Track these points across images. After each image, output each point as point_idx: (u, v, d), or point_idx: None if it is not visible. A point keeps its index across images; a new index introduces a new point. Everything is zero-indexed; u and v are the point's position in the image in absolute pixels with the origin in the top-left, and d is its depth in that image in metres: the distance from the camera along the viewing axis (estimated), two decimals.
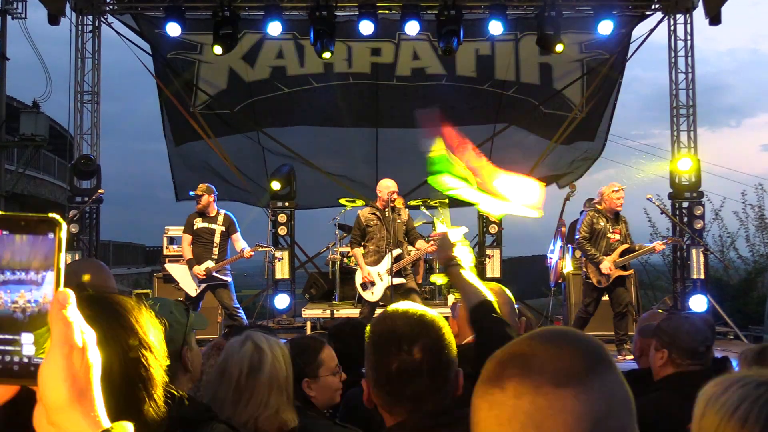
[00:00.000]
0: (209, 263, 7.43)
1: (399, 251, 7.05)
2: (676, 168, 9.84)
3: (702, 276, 9.45)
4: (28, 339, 0.74)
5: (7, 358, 0.74)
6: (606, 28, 9.88)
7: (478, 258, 10.09)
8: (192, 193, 7.72)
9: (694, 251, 9.48)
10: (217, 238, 7.49)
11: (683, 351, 2.53)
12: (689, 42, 10.33)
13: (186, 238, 7.59)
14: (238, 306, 7.59)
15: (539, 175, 11.85)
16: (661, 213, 8.61)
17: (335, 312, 9.10)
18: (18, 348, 0.74)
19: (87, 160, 9.76)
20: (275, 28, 9.79)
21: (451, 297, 8.93)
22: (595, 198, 7.71)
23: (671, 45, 10.47)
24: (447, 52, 9.82)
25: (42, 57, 15.15)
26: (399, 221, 7.12)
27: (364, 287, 7.24)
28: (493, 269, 9.59)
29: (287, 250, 9.82)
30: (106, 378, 0.77)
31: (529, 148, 11.87)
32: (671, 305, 9.46)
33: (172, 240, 9.61)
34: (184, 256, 7.64)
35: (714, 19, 9.94)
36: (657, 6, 10.55)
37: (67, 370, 0.72)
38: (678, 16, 10.44)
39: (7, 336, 0.74)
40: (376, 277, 7.11)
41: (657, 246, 7.71)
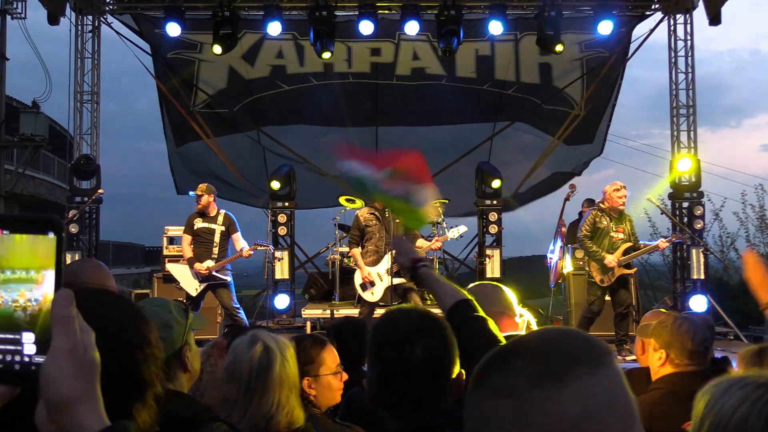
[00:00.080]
0: (209, 263, 7.43)
1: None
2: (676, 168, 9.84)
3: (702, 276, 9.46)
4: (29, 338, 0.74)
5: (8, 357, 0.74)
6: (606, 28, 9.87)
7: (478, 258, 10.09)
8: (192, 194, 7.72)
9: (694, 251, 9.48)
10: (217, 237, 7.49)
11: (681, 351, 2.52)
12: (689, 42, 10.33)
13: (186, 238, 7.60)
14: (238, 306, 7.58)
15: (543, 174, 11.84)
16: (661, 213, 8.61)
17: (335, 312, 9.09)
18: (19, 347, 0.74)
19: (87, 160, 9.75)
20: (275, 28, 9.78)
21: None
22: (593, 198, 7.72)
23: (671, 45, 10.46)
24: (447, 52, 9.81)
25: (42, 57, 15.17)
26: (398, 221, 7.11)
27: (363, 288, 7.23)
28: (493, 269, 9.58)
29: (287, 250, 9.81)
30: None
31: (529, 147, 11.86)
32: (671, 305, 9.45)
33: (171, 240, 9.61)
34: (184, 255, 7.64)
35: (714, 19, 9.93)
36: (657, 6, 10.54)
37: (69, 368, 0.72)
38: (678, 16, 10.43)
39: (8, 335, 0.74)
40: (375, 278, 7.10)
41: (661, 244, 7.70)
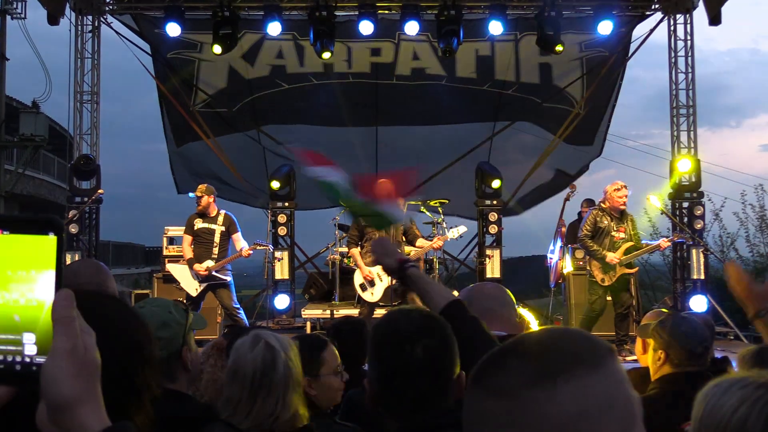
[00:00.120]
0: (209, 263, 7.43)
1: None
2: (677, 169, 9.82)
3: (702, 276, 9.45)
4: (29, 339, 0.74)
5: (9, 358, 0.74)
6: (606, 28, 9.87)
7: (478, 258, 10.09)
8: (192, 195, 7.72)
9: (694, 251, 9.48)
10: (217, 238, 7.49)
11: (680, 352, 2.52)
12: (689, 42, 10.32)
13: (186, 238, 7.60)
14: (238, 306, 7.58)
15: (545, 175, 11.82)
16: (661, 213, 8.61)
17: (335, 312, 9.09)
18: (20, 348, 0.74)
19: (86, 160, 9.75)
20: (275, 28, 9.78)
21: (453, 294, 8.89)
22: (593, 198, 7.72)
23: (671, 45, 10.46)
24: (447, 52, 9.80)
25: (42, 57, 15.16)
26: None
27: (363, 288, 7.23)
28: (493, 269, 9.58)
29: (287, 250, 9.81)
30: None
31: (530, 147, 11.85)
32: (671, 305, 9.46)
33: (171, 240, 9.62)
34: (184, 256, 7.65)
35: (714, 19, 9.92)
36: (657, 6, 10.54)
37: (70, 369, 0.72)
38: (678, 16, 10.42)
39: (9, 336, 0.74)
40: (375, 278, 7.10)
41: (662, 243, 7.70)
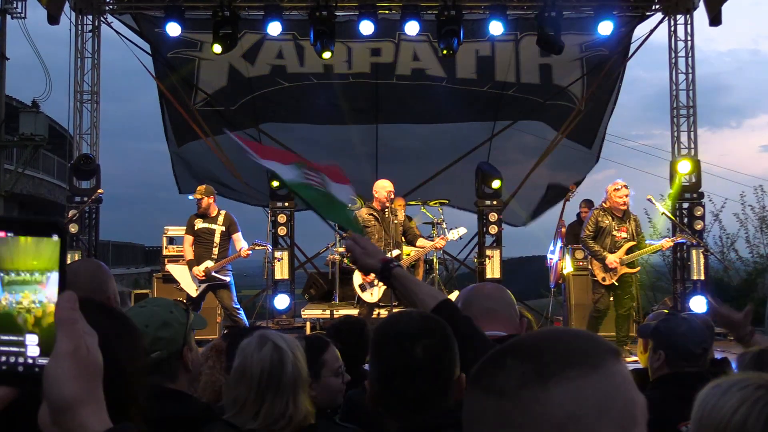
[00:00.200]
0: (208, 263, 7.43)
1: (398, 252, 7.04)
2: (678, 171, 9.80)
3: (702, 277, 9.45)
4: (32, 340, 0.74)
5: (12, 359, 0.74)
6: (606, 28, 9.87)
7: (478, 258, 10.09)
8: (191, 197, 7.72)
9: (694, 252, 9.47)
10: (217, 238, 7.50)
11: (679, 353, 2.52)
12: (689, 42, 10.32)
13: (187, 239, 7.62)
14: (238, 306, 7.59)
15: (546, 179, 11.81)
16: (661, 214, 8.61)
17: (335, 312, 9.09)
18: (22, 349, 0.74)
19: (86, 159, 9.74)
20: (275, 28, 9.77)
21: (454, 294, 8.90)
22: (591, 199, 7.72)
23: (671, 45, 10.45)
24: (447, 52, 9.80)
25: (42, 57, 15.15)
26: (396, 222, 7.10)
27: (362, 288, 7.23)
28: (493, 269, 9.58)
29: (287, 250, 9.81)
30: None
31: (530, 147, 11.86)
32: (671, 306, 9.45)
33: (171, 240, 9.62)
34: (185, 256, 7.66)
35: (714, 20, 9.92)
36: (657, 6, 10.54)
37: (72, 370, 0.72)
38: (678, 16, 10.42)
39: (12, 337, 0.74)
40: (375, 278, 7.10)
41: (665, 243, 7.70)
